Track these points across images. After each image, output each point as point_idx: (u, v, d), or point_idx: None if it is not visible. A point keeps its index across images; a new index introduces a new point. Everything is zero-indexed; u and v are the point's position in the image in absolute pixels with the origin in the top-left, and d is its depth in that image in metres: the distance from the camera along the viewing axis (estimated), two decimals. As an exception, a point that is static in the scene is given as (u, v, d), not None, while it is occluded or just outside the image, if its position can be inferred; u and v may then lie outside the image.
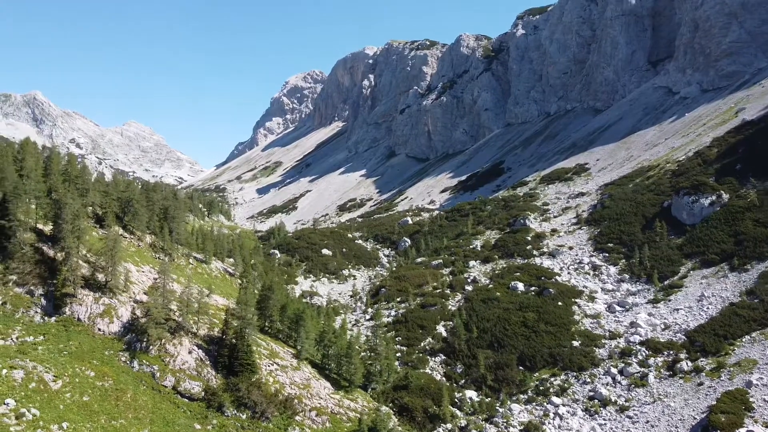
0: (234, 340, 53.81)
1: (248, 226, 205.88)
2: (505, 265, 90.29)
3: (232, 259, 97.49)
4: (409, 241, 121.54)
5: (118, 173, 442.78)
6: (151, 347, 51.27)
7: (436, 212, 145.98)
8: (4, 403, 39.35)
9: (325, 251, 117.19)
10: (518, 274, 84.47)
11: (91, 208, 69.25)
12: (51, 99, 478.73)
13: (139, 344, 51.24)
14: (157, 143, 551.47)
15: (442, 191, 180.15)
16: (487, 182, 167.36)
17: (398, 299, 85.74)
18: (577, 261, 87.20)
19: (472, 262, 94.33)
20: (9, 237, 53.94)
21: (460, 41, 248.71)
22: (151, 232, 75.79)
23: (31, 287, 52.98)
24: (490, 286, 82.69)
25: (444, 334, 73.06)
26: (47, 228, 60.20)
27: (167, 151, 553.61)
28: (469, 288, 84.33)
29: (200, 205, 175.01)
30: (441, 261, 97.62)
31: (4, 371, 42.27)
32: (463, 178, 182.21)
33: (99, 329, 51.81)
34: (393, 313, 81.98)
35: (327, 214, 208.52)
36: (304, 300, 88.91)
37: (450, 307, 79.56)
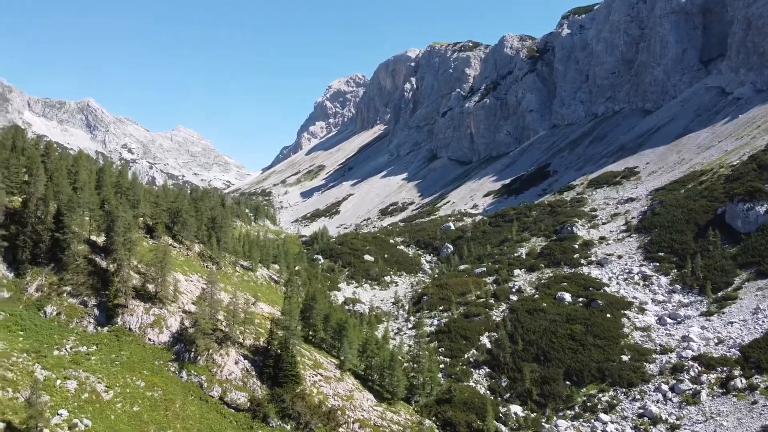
0: (279, 351, 54.51)
1: (293, 230, 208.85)
2: (551, 275, 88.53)
3: (277, 266, 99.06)
4: (451, 247, 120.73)
5: (169, 177, 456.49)
6: (199, 357, 52.42)
7: (479, 217, 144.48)
8: (58, 414, 40.90)
9: (367, 257, 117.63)
10: (565, 284, 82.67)
11: (142, 218, 71.42)
12: (103, 106, 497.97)
13: (187, 354, 52.48)
14: (205, 148, 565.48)
15: (486, 195, 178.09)
16: (532, 186, 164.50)
17: (441, 308, 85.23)
18: (627, 270, 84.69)
19: (516, 271, 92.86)
20: (64, 249, 56.17)
21: (503, 42, 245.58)
22: (199, 241, 77.68)
23: (85, 298, 55.03)
24: (536, 296, 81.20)
25: (488, 345, 72.17)
26: (100, 239, 62.43)
27: (215, 155, 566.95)
28: (513, 298, 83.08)
29: (247, 210, 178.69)
30: (484, 269, 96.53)
31: (58, 382, 44.01)
32: (507, 181, 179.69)
33: (149, 339, 53.36)
34: (435, 322, 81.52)
35: (369, 218, 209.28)
36: (346, 307, 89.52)
37: (494, 317, 78.53)
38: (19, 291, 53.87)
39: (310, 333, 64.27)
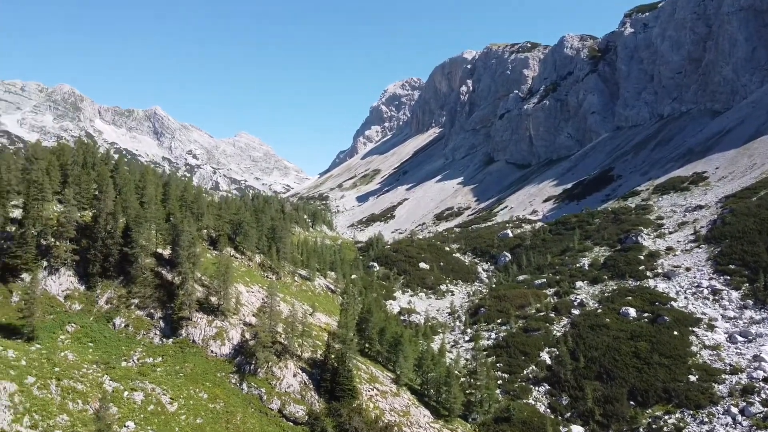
0: (336, 364, 54.94)
1: (348, 235, 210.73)
2: (615, 287, 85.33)
3: (333, 273, 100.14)
4: (509, 255, 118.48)
5: (232, 182, 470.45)
6: (258, 370, 53.50)
7: (539, 224, 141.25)
8: (125, 426, 42.63)
9: (422, 265, 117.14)
10: (630, 298, 79.49)
11: (206, 230, 73.75)
12: (169, 113, 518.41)
13: (247, 366, 53.67)
14: (266, 153, 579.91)
15: (545, 200, 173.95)
16: (594, 191, 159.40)
17: (498, 321, 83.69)
18: (695, 284, 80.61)
19: (578, 283, 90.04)
20: (132, 263, 58.67)
21: (563, 42, 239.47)
22: (260, 252, 79.51)
23: (151, 310, 57.24)
24: (599, 310, 78.44)
25: (548, 362, 70.27)
26: (166, 252, 64.80)
27: (275, 160, 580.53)
28: (575, 312, 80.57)
29: (305, 216, 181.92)
30: (544, 280, 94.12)
31: (126, 393, 45.89)
32: (568, 186, 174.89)
33: (212, 351, 54.92)
34: (493, 335, 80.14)
35: (424, 223, 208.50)
36: (402, 318, 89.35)
37: (555, 332, 76.38)
38: (90, 303, 56.64)
39: (366, 345, 64.54)
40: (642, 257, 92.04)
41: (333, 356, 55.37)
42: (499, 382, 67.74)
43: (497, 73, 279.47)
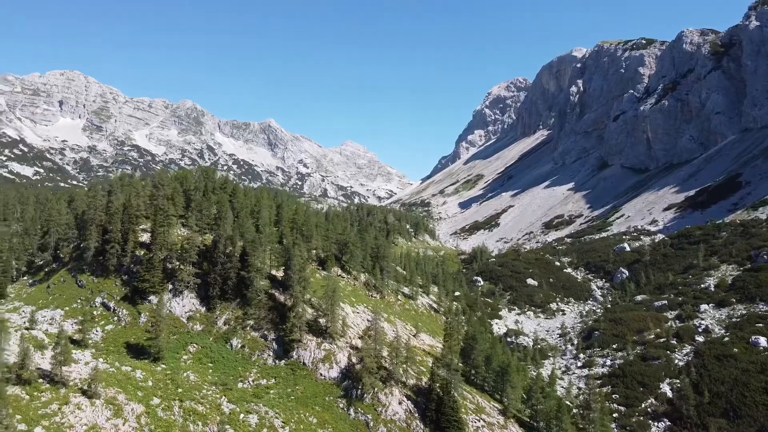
0: (441, 393, 54.28)
1: (451, 244, 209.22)
2: (744, 312, 77.42)
3: (436, 288, 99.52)
4: (626, 272, 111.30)
5: (339, 189, 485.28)
6: (365, 395, 54.06)
7: (659, 236, 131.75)
8: (241, 449, 44.73)
9: (530, 281, 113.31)
10: (761, 325, 71.67)
11: (315, 251, 76.16)
12: (282, 125, 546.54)
13: (354, 391, 54.43)
14: (370, 160, 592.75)
15: (665, 209, 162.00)
16: (720, 199, 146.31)
17: (614, 346, 78.81)
18: None
19: (703, 306, 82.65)
20: (248, 286, 61.75)
21: (681, 37, 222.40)
22: (364, 270, 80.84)
23: (265, 331, 59.87)
24: (726, 338, 71.49)
25: (669, 394, 65.03)
26: (279, 274, 67.62)
27: (379, 166, 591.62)
28: (699, 339, 74.00)
29: (407, 226, 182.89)
30: (665, 302, 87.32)
31: (242, 416, 48.11)
32: (691, 193, 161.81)
33: (320, 374, 56.35)
34: (608, 362, 75.56)
35: (531, 232, 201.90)
36: (508, 339, 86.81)
37: (676, 361, 70.59)
38: (210, 324, 60.36)
39: (472, 372, 63.26)
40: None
41: (438, 384, 54.74)
42: (615, 415, 63.68)
43: (610, 72, 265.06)
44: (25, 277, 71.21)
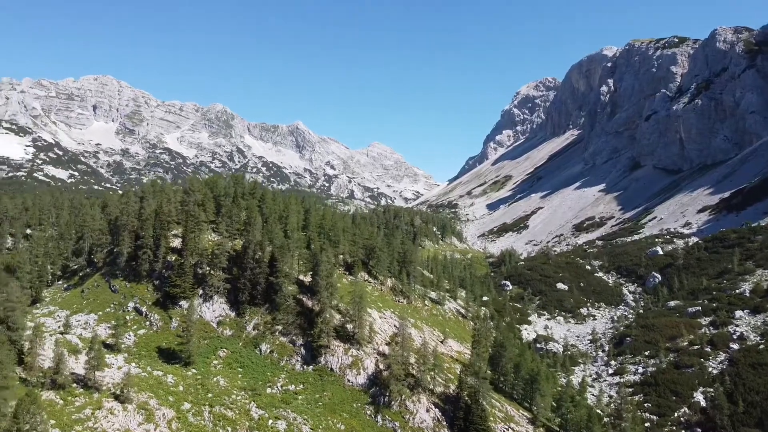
0: (469, 401, 53.92)
1: (479, 246, 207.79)
2: (783, 319, 75.16)
3: (464, 292, 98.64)
4: (659, 276, 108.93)
5: (365, 190, 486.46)
6: (392, 402, 54.02)
7: (693, 239, 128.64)
8: (270, 456, 45.09)
9: (560, 285, 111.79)
10: (802, 333, 69.54)
11: (342, 256, 76.47)
12: (309, 127, 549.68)
13: (382, 398, 54.43)
14: (396, 161, 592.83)
15: (699, 211, 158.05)
16: (756, 201, 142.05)
17: (646, 353, 77.22)
18: None
19: (738, 312, 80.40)
20: (276, 291, 62.29)
21: (715, 36, 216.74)
22: (391, 275, 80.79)
23: (293, 337, 60.31)
24: (762, 346, 69.41)
25: (702, 404, 63.45)
26: (306, 279, 68.08)
27: (405, 167, 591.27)
28: (734, 346, 72.00)
29: (434, 229, 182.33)
30: (699, 308, 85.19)
31: (270, 422, 48.54)
32: (726, 195, 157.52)
33: (348, 380, 56.49)
34: (640, 369, 74.07)
35: (561, 234, 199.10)
36: (537, 345, 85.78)
37: (710, 369, 68.81)
38: (239, 329, 61.06)
39: (500, 379, 62.69)
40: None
41: (466, 392, 54.42)
42: (647, 425, 62.39)
43: (641, 71, 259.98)
44: (60, 282, 73.11)
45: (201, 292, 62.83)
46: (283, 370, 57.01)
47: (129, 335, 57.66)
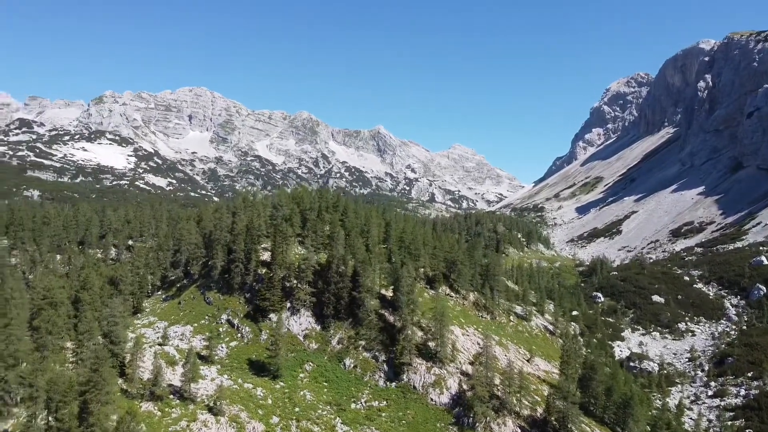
0: (557, 426, 52.26)
1: (567, 252, 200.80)
2: None
3: (551, 306, 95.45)
4: (764, 289, 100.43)
5: (446, 193, 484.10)
6: (477, 424, 53.16)
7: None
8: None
9: (655, 297, 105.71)
10: None
11: (423, 270, 76.40)
12: (391, 131, 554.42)
13: (466, 419, 53.72)
14: (478, 163, 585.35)
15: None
16: None
17: (750, 374, 71.40)
18: None
19: None
20: (359, 306, 63.23)
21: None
22: (474, 289, 79.67)
23: (376, 353, 60.86)
24: None
25: (822, 437, 57.83)
26: (388, 293, 68.55)
27: (488, 169, 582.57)
28: None
29: (519, 235, 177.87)
30: (815, 328, 77.87)
31: (356, 439, 49.32)
32: None
33: (431, 399, 56.25)
34: (743, 392, 68.62)
35: (657, 240, 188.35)
36: (631, 364, 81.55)
37: (830, 398, 62.67)
38: (324, 343, 62.49)
39: (591, 402, 60.14)
40: None
41: (554, 417, 52.72)
42: (754, 456, 57.68)
43: (741, 65, 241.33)
44: (159, 292, 77.99)
45: (288, 305, 64.92)
46: (366, 386, 57.69)
47: (222, 347, 60.52)
